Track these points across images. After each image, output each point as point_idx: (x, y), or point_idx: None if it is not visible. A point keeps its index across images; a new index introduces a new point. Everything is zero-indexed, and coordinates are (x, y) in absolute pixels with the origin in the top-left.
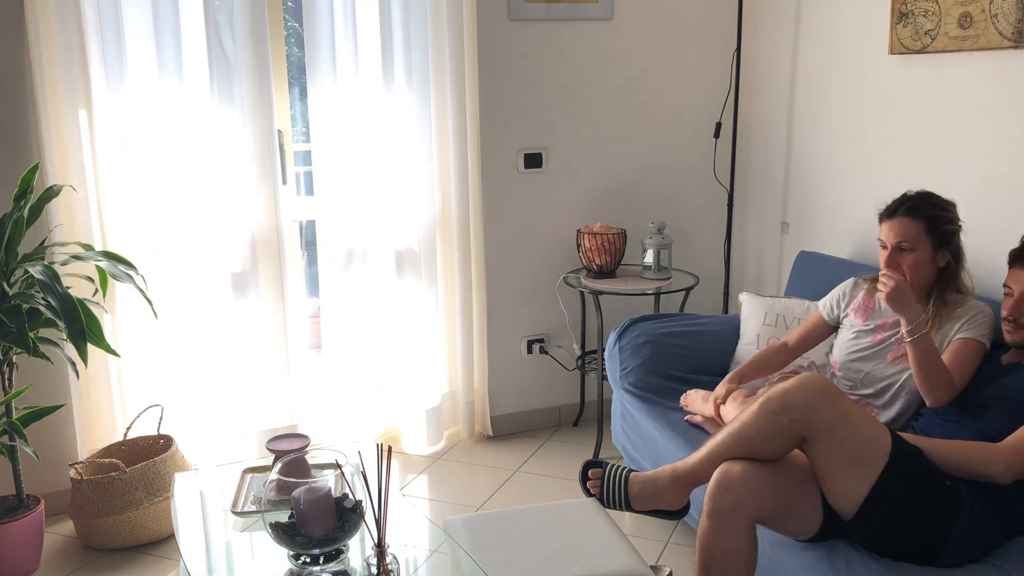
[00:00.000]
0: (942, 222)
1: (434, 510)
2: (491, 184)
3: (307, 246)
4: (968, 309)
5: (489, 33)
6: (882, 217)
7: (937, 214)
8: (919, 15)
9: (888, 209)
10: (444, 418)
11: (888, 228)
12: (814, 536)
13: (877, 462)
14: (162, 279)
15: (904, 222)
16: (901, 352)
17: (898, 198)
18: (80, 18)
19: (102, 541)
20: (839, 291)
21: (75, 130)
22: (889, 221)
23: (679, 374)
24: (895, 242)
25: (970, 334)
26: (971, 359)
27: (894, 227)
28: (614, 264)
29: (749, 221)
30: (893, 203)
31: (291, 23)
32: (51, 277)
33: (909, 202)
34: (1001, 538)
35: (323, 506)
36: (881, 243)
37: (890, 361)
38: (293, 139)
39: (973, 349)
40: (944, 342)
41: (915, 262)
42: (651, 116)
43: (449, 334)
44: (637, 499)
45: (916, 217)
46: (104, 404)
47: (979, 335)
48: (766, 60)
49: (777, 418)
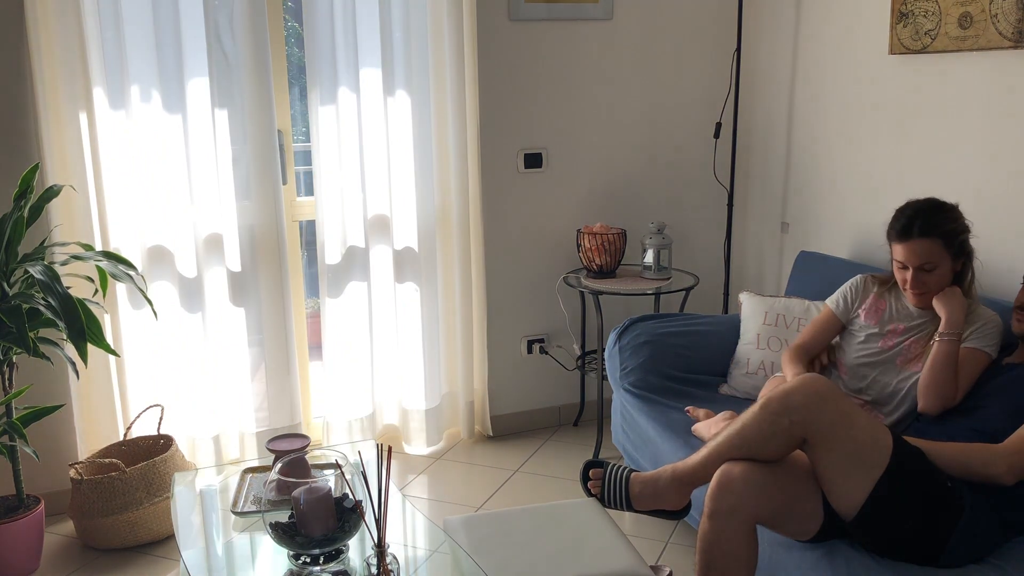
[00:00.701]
0: (956, 233)
1: (434, 510)
2: (491, 184)
3: (307, 246)
4: (978, 317)
5: (489, 33)
6: (895, 237)
7: (951, 227)
8: (919, 15)
9: (901, 230)
10: (444, 418)
11: (907, 251)
12: (814, 536)
13: (878, 463)
14: (162, 279)
15: (923, 243)
16: (911, 357)
17: (906, 213)
18: (80, 19)
19: (102, 541)
20: (848, 287)
21: (75, 130)
22: (906, 243)
23: (679, 374)
24: (918, 265)
25: (978, 344)
26: (975, 368)
27: (914, 249)
28: (614, 264)
29: (749, 221)
30: (903, 221)
31: (291, 23)
32: (51, 277)
33: (920, 219)
34: (1002, 539)
35: (323, 506)
36: (899, 263)
37: (899, 366)
38: (293, 139)
39: (979, 359)
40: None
41: (939, 277)
42: (651, 116)
43: (449, 334)
44: (638, 499)
45: (933, 236)
46: (104, 404)
47: (986, 345)
48: (766, 60)
49: (778, 419)
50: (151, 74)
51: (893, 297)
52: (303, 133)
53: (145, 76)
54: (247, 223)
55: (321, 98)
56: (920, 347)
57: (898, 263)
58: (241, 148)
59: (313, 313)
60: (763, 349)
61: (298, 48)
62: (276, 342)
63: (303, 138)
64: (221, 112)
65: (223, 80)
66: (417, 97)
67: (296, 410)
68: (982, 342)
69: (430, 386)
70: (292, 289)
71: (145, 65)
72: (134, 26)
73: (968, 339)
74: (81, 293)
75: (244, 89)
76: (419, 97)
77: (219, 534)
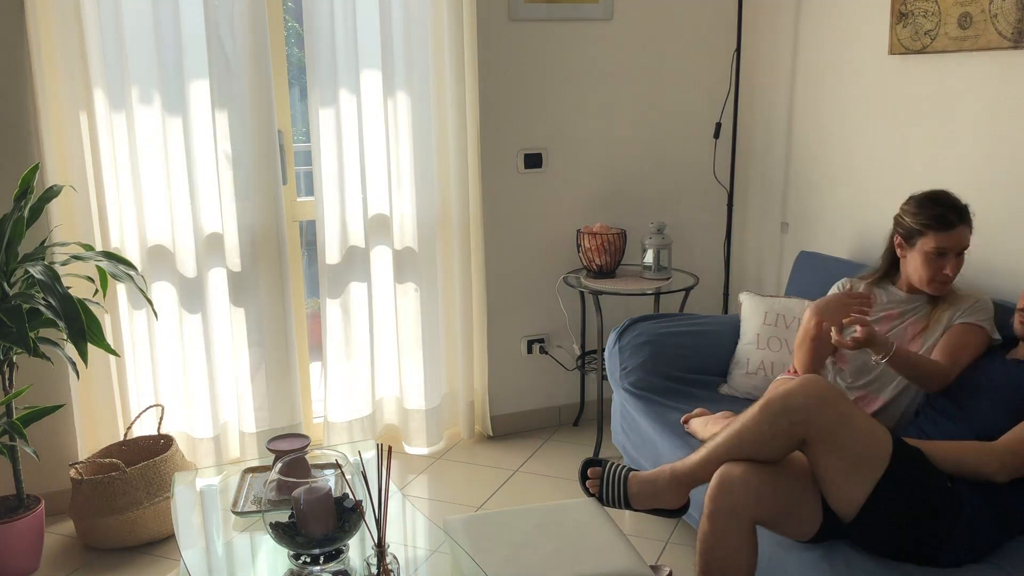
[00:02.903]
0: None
1: (434, 510)
2: (491, 184)
3: (307, 246)
4: (969, 297)
5: (489, 33)
6: (937, 227)
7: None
8: (919, 15)
9: (942, 220)
10: (444, 418)
11: (953, 239)
12: (814, 537)
13: (878, 465)
14: (162, 279)
15: (963, 230)
16: (909, 337)
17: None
18: (80, 19)
19: (102, 541)
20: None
21: (75, 130)
22: (950, 232)
23: (679, 374)
24: (960, 250)
25: (973, 319)
26: (970, 342)
27: (957, 238)
28: (614, 264)
29: (749, 221)
30: (938, 211)
31: (291, 23)
32: (51, 277)
33: (952, 208)
34: (1002, 538)
35: (323, 506)
36: (938, 251)
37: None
38: (293, 139)
39: (973, 332)
40: (944, 327)
41: (960, 261)
42: (651, 116)
43: (449, 334)
44: (636, 498)
45: (967, 223)
46: (104, 404)
47: (979, 319)
48: (766, 60)
49: (778, 420)
50: (151, 74)
51: (881, 288)
52: (303, 133)
53: (145, 76)
54: (247, 223)
55: (321, 98)
56: (917, 327)
57: (936, 252)
58: (241, 148)
59: (313, 313)
60: (763, 349)
61: (298, 48)
62: (276, 342)
63: (303, 138)
64: (221, 112)
65: (223, 80)
66: (417, 97)
67: (296, 410)
68: (977, 316)
69: (430, 386)
70: (292, 289)
71: (145, 65)
72: (134, 26)
73: (962, 316)
74: (81, 293)
75: (244, 89)
76: (419, 97)
77: (219, 534)
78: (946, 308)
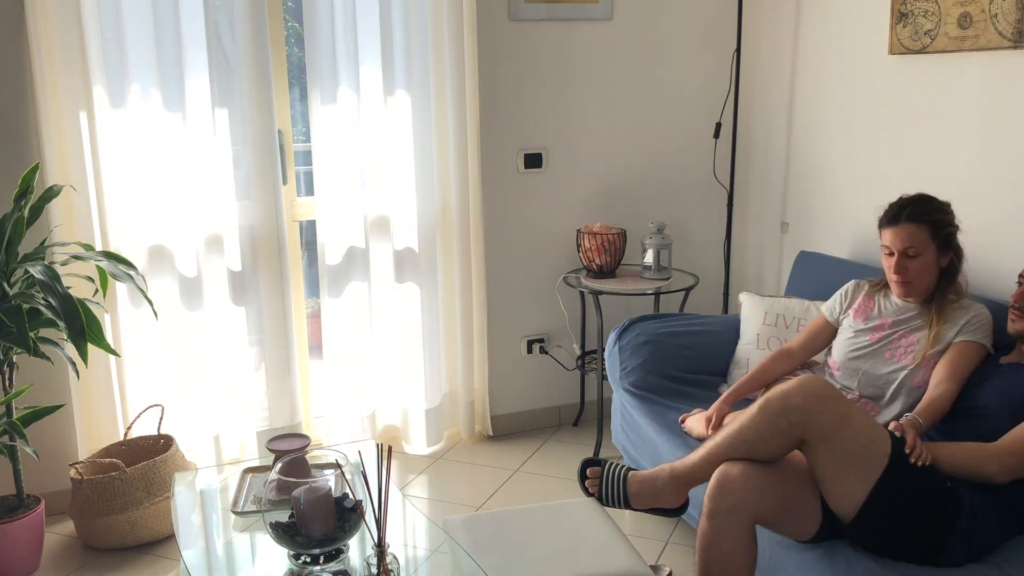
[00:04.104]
0: (944, 225)
1: (434, 510)
2: (491, 184)
3: (307, 246)
4: (967, 311)
5: (489, 33)
6: (884, 223)
7: (938, 217)
8: (919, 15)
9: (890, 215)
10: (444, 418)
11: (893, 235)
12: (813, 537)
13: (877, 465)
14: (162, 279)
15: (909, 228)
16: (900, 349)
17: (896, 203)
18: (80, 18)
19: (102, 541)
20: (841, 292)
21: (75, 130)
22: (893, 228)
23: (679, 374)
24: (902, 248)
25: (971, 337)
26: (971, 361)
27: (899, 234)
28: (614, 264)
29: (749, 221)
30: (893, 208)
31: (291, 23)
32: (51, 277)
33: (910, 207)
34: (1001, 537)
35: (323, 506)
36: (886, 249)
37: (888, 359)
38: (293, 139)
39: (973, 351)
40: (944, 344)
41: (922, 266)
42: (651, 116)
43: (449, 334)
44: (636, 498)
45: (920, 222)
46: (104, 404)
47: (980, 338)
48: (766, 60)
49: (777, 420)
50: (151, 73)
51: (882, 295)
52: (303, 133)
53: (145, 76)
54: (247, 223)
55: (321, 98)
56: (909, 340)
57: (885, 250)
58: (241, 148)
59: (313, 313)
60: (763, 349)
61: (298, 48)
62: (276, 342)
63: (303, 138)
64: (221, 112)
65: (223, 80)
66: (417, 97)
67: (296, 410)
68: (975, 335)
69: (430, 386)
70: (292, 289)
71: (145, 64)
72: (134, 26)
73: (961, 332)
74: (81, 293)
75: (244, 89)
76: (419, 97)
77: (219, 534)
78: (943, 323)
